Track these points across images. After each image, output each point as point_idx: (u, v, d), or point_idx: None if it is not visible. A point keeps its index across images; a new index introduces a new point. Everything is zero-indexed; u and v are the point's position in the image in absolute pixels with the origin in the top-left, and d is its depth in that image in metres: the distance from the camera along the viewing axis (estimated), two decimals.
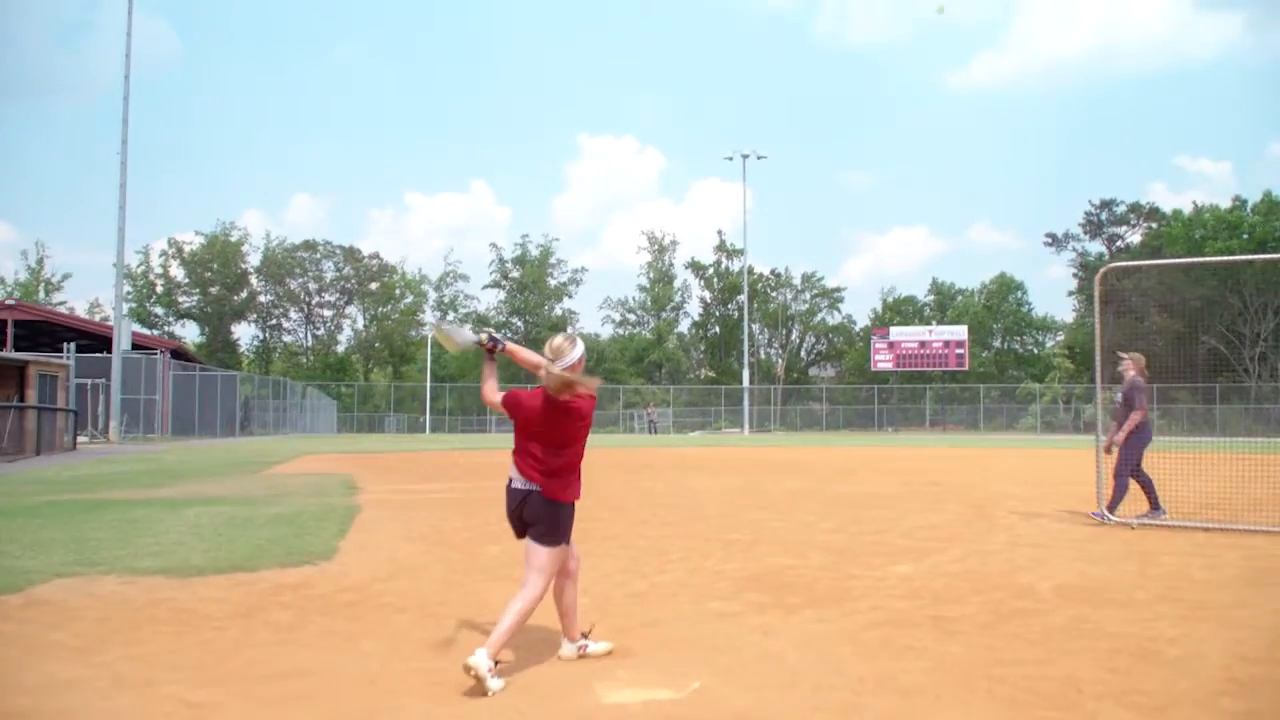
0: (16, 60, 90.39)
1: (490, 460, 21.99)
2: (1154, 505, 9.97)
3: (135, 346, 37.95)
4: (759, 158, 61.07)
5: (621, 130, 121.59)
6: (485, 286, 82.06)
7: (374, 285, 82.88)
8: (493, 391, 4.80)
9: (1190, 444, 10.19)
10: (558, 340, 4.56)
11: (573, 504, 4.60)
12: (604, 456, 24.50)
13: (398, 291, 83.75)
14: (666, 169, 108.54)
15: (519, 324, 78.93)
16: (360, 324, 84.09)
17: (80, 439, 30.69)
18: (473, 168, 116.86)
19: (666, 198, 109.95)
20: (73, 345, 31.38)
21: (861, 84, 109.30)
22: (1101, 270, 10.20)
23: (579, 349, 4.55)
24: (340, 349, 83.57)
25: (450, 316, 78.25)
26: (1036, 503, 12.13)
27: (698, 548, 8.23)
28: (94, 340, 38.99)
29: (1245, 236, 62.53)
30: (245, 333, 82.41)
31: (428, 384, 59.34)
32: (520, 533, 4.66)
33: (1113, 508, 9.96)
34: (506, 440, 40.64)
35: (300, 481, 14.78)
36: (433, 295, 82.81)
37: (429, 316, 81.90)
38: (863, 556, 7.75)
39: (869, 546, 8.30)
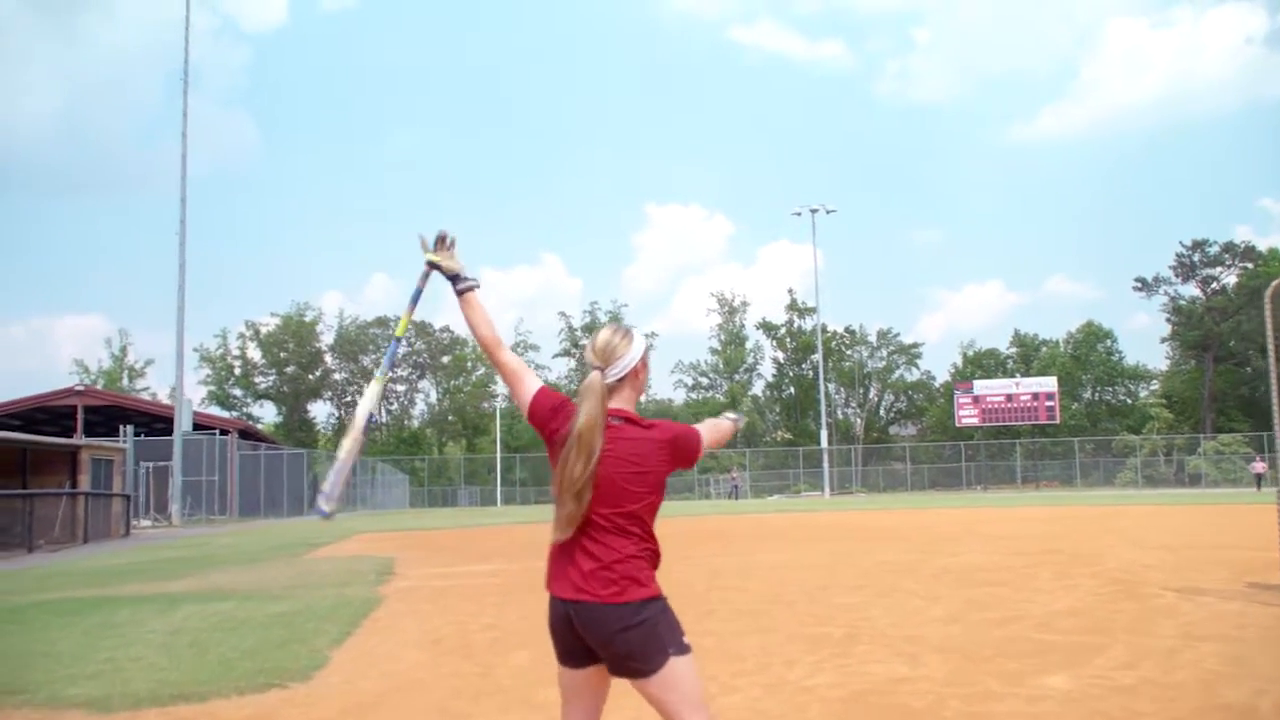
0: (105, 155, 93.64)
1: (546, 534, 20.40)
2: None
3: (200, 427, 37.40)
4: (828, 212, 59.53)
5: (688, 198, 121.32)
6: (555, 355, 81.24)
7: (445, 358, 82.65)
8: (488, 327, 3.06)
9: None
10: (604, 336, 2.82)
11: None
12: (669, 527, 22.70)
13: (469, 364, 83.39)
14: (735, 234, 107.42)
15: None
16: (433, 397, 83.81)
17: (144, 523, 29.96)
18: (543, 240, 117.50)
19: (736, 261, 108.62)
20: (130, 428, 30.72)
21: (926, 140, 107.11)
22: (1275, 283, 8.30)
23: (638, 344, 2.83)
24: (414, 423, 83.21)
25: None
26: (1186, 573, 10.09)
27: (778, 649, 6.49)
28: (166, 424, 38.58)
29: None
30: (321, 411, 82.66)
31: (498, 455, 58.21)
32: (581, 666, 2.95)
33: None
34: None
35: (334, 567, 13.33)
36: None
37: (501, 388, 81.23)
38: (996, 660, 5.92)
39: (1000, 644, 6.45)
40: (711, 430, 3.03)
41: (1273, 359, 8.18)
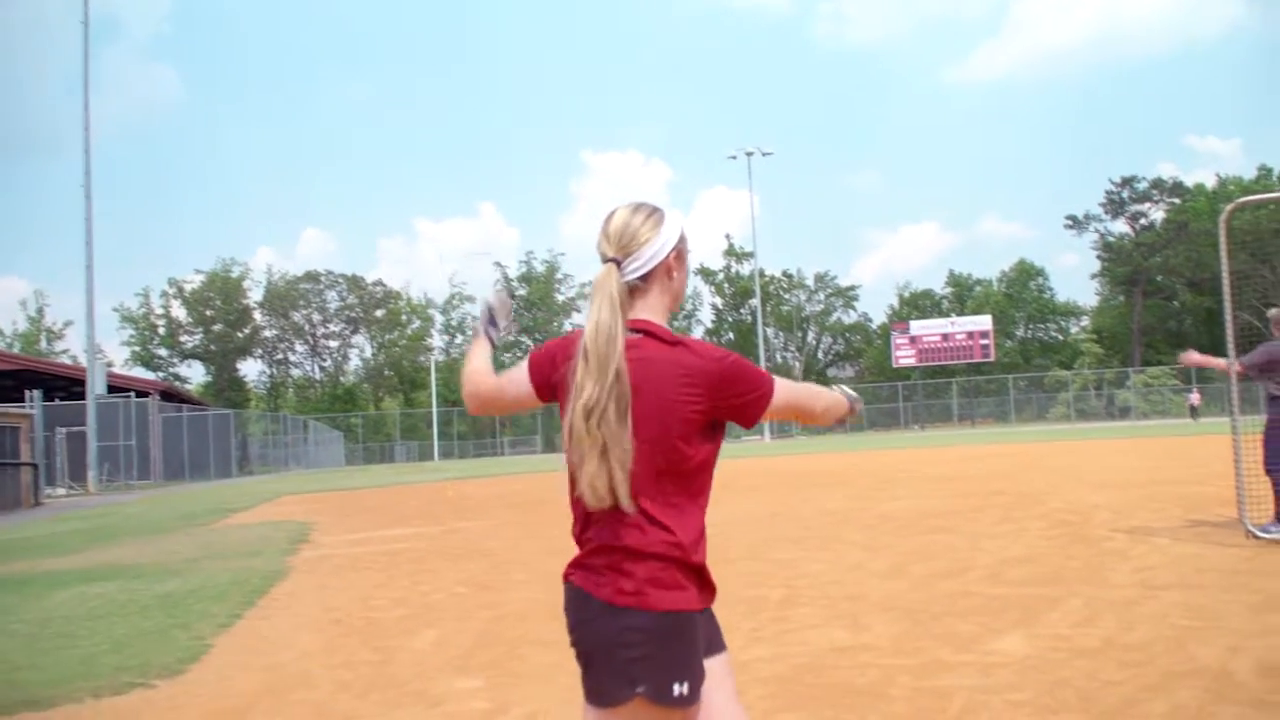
0: (19, 110, 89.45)
1: (484, 492, 19.73)
2: None
3: (118, 389, 35.87)
4: (764, 154, 58.86)
5: (626, 145, 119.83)
6: None
7: (379, 312, 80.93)
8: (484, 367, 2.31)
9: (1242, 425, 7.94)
10: (620, 216, 2.07)
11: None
12: None
13: (404, 317, 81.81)
14: (674, 180, 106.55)
15: (528, 342, 76.75)
16: (368, 353, 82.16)
17: (59, 492, 28.66)
18: (480, 190, 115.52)
19: (675, 208, 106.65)
20: (38, 393, 29.23)
21: (862, 84, 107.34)
22: (1230, 207, 7.84)
23: (671, 227, 2.07)
24: (349, 379, 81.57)
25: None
26: (1134, 513, 9.75)
27: (720, 618, 5.92)
28: (83, 387, 36.86)
29: (1273, 207, 59.67)
30: (252, 369, 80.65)
31: (434, 409, 57.20)
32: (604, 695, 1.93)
33: None
34: (516, 463, 39.03)
35: (244, 535, 12.52)
36: (439, 319, 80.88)
37: (437, 341, 79.82)
38: (945, 620, 5.41)
39: (948, 601, 5.94)
40: (803, 394, 2.14)
41: (1228, 280, 7.74)
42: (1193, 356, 8.05)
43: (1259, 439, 7.82)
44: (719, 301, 79.40)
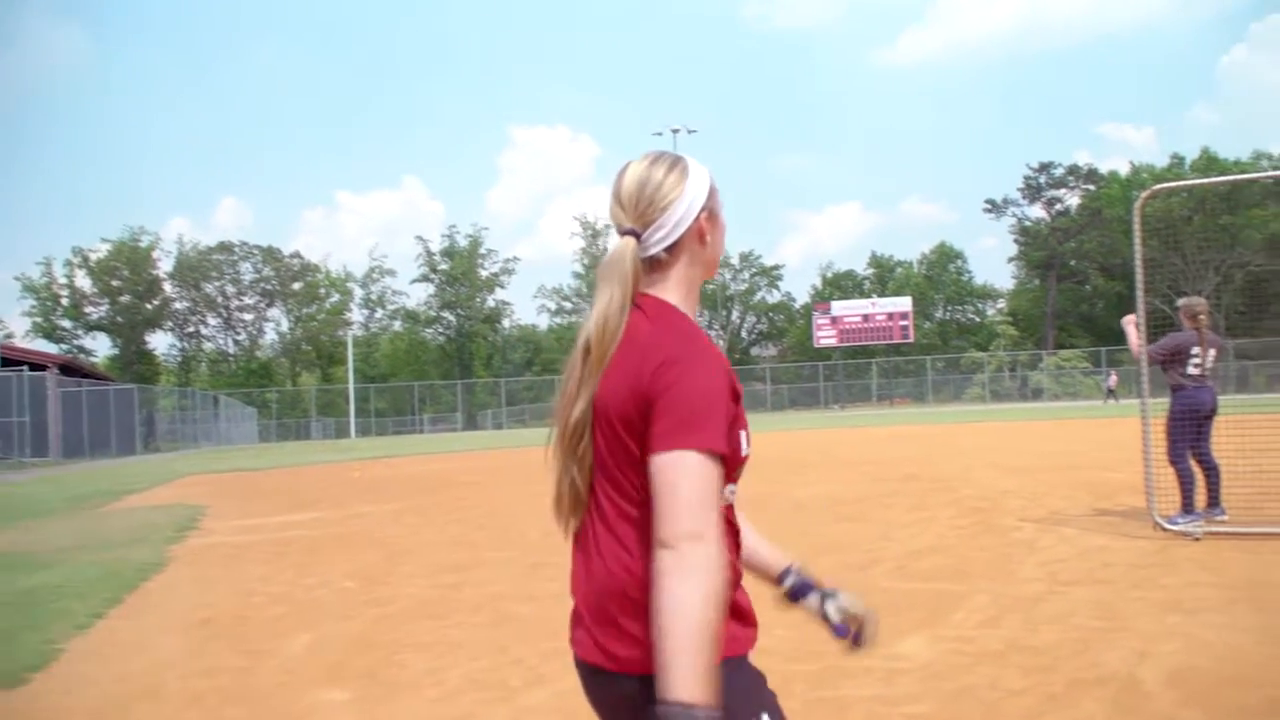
0: None
1: (395, 473, 19.19)
2: (1186, 505, 7.59)
3: (12, 363, 34.26)
4: (690, 132, 58.47)
5: (554, 119, 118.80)
6: (413, 281, 78.37)
7: (297, 285, 78.85)
8: None
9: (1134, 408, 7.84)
10: (637, 172, 1.64)
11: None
12: (513, 460, 21.83)
13: (322, 291, 79.85)
14: (601, 156, 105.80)
15: (450, 318, 75.62)
16: (284, 327, 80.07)
17: None
18: (404, 163, 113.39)
19: (603, 184, 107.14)
20: None
21: (790, 65, 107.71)
22: (1144, 194, 7.74)
23: (698, 181, 1.65)
24: (264, 354, 79.44)
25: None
26: (1044, 500, 9.70)
27: None
28: None
29: (1185, 194, 61.38)
30: (162, 342, 78.09)
31: (350, 385, 56.03)
32: None
33: (1188, 506, 7.56)
34: (435, 442, 38.18)
35: (130, 521, 11.88)
36: (359, 293, 79.15)
37: (357, 315, 78.17)
38: None
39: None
40: (684, 511, 1.41)
41: (1140, 265, 7.66)
42: (1131, 321, 7.94)
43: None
44: None
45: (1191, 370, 7.74)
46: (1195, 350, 7.75)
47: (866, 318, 63.91)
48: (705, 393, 1.45)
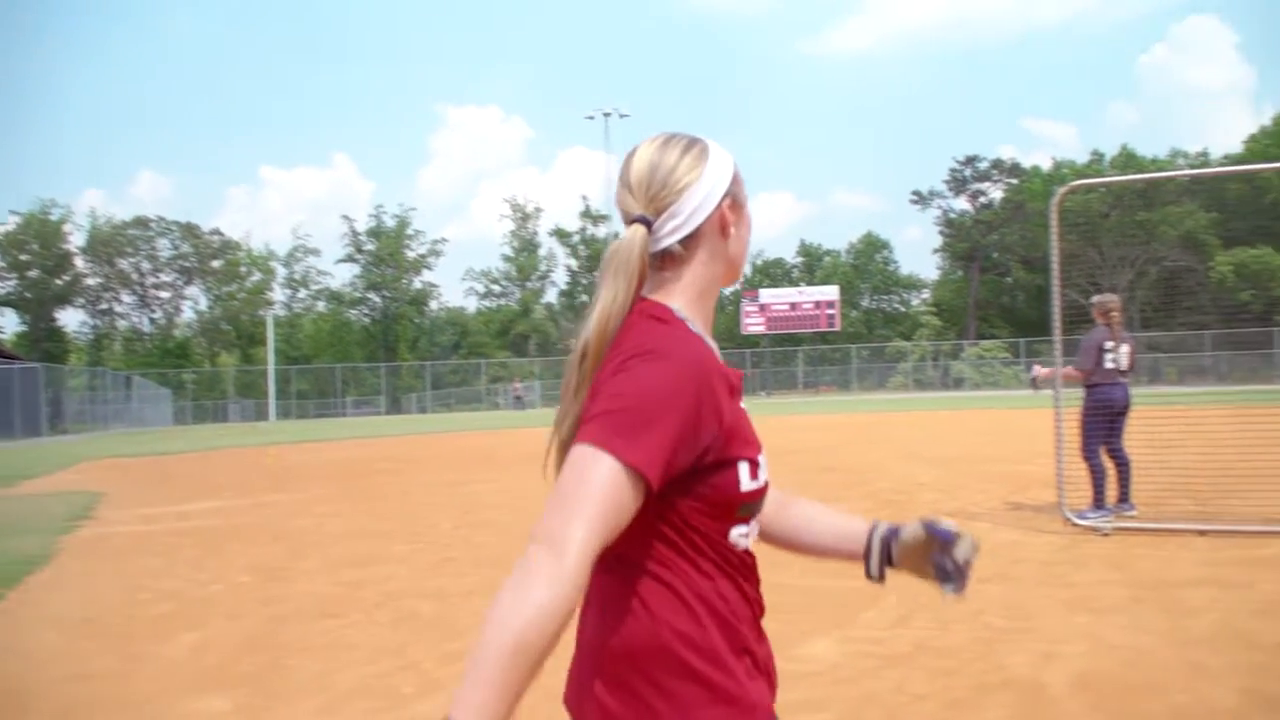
0: None
1: (310, 458, 18.71)
2: (1098, 500, 7.67)
3: None
4: (621, 116, 58.41)
5: (485, 100, 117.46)
6: (338, 261, 76.79)
7: (216, 263, 76.78)
8: None
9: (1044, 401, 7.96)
10: (647, 155, 1.42)
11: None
12: (434, 446, 21.53)
13: (243, 269, 77.87)
14: (533, 138, 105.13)
15: (376, 299, 74.34)
16: (203, 305, 77.95)
17: None
18: (334, 140, 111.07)
19: (534, 166, 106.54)
20: None
21: (725, 50, 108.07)
22: (1062, 190, 7.78)
23: (718, 166, 1.45)
24: (181, 333, 77.26)
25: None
26: (958, 493, 9.75)
27: None
28: None
29: (1104, 191, 62.95)
30: (73, 319, 75.49)
31: (270, 366, 54.81)
32: None
33: (1099, 502, 7.62)
34: (357, 426, 37.39)
35: (19, 509, 11.35)
36: (282, 272, 77.38)
37: (279, 295, 76.42)
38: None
39: (765, 597, 5.62)
40: (564, 511, 1.17)
41: (1057, 259, 7.70)
42: (1040, 373, 8.00)
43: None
44: (574, 264, 78.62)
45: (1108, 365, 7.80)
46: (1109, 345, 7.81)
47: (794, 306, 64.37)
48: (648, 393, 1.19)
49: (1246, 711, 3.62)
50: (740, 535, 1.35)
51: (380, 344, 72.15)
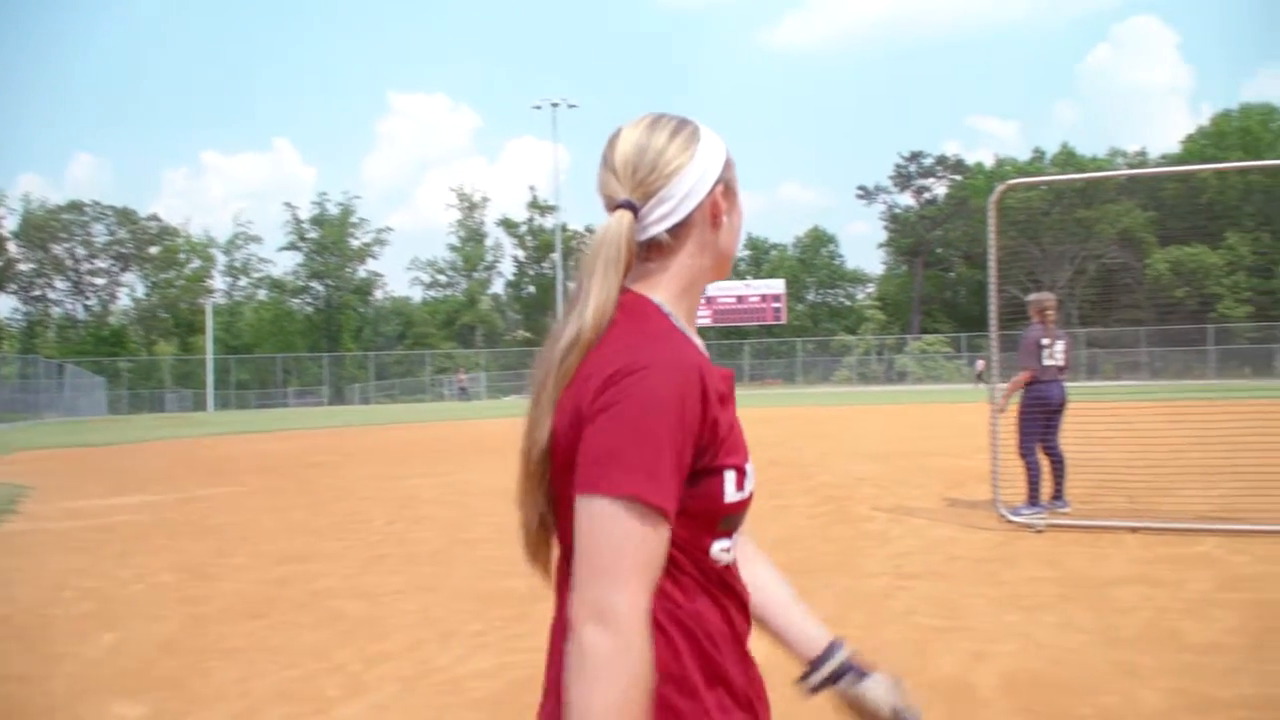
0: None
1: (247, 450, 18.37)
2: (1032, 497, 7.75)
3: None
4: (570, 106, 57.77)
5: (433, 87, 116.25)
6: (281, 249, 75.51)
7: (154, 249, 75.11)
8: None
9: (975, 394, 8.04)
10: (633, 137, 1.30)
11: None
12: (376, 438, 21.29)
13: (182, 256, 76.26)
14: (481, 127, 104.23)
15: (319, 287, 73.28)
16: (139, 292, 76.22)
17: None
18: (276, 125, 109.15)
19: (481, 155, 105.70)
20: None
21: (674, 41, 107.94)
22: (1000, 188, 7.85)
23: (709, 151, 1.33)
24: (117, 320, 75.49)
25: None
26: (897, 489, 9.81)
27: (442, 615, 5.33)
28: None
29: (1045, 188, 64.00)
30: (4, 305, 73.47)
31: (209, 356, 53.80)
32: None
33: (1034, 498, 7.70)
34: (298, 417, 36.55)
35: None
36: (222, 259, 75.93)
37: (219, 282, 74.98)
38: None
39: None
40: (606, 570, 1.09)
41: (994, 256, 7.77)
42: (1000, 404, 8.02)
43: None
44: (521, 254, 78.17)
45: (1046, 363, 7.87)
46: (1045, 342, 7.89)
47: (741, 299, 64.63)
48: (649, 421, 1.10)
49: (1174, 712, 3.64)
50: (722, 550, 1.23)
51: (323, 333, 71.16)
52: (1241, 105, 64.76)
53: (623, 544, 1.07)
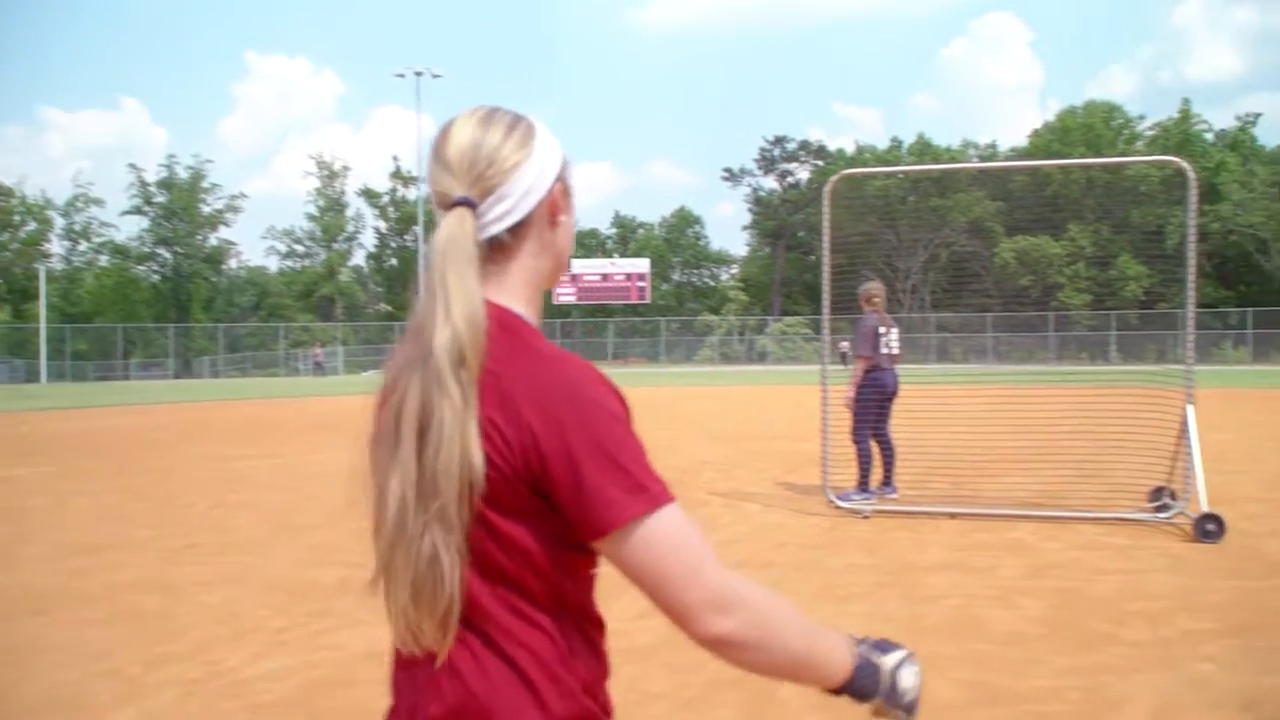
0: None
1: (73, 427, 17.33)
2: (863, 483, 7.92)
3: None
4: (434, 76, 56.53)
5: (294, 50, 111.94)
6: (124, 213, 71.57)
7: None
8: None
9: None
10: (466, 132, 1.20)
11: None
12: (217, 414, 20.45)
13: (16, 218, 71.56)
14: (345, 94, 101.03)
15: (166, 255, 69.86)
16: None
17: None
18: (123, 82, 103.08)
19: (346, 123, 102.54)
20: None
21: (543, 17, 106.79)
22: (832, 179, 7.97)
23: (545, 150, 1.26)
24: None
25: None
26: (736, 472, 9.91)
27: (244, 609, 5.06)
28: None
29: (900, 175, 66.03)
30: None
31: (42, 325, 50.73)
32: None
33: (864, 484, 7.84)
34: (139, 391, 34.90)
35: None
36: (60, 222, 71.54)
37: (56, 247, 70.61)
38: None
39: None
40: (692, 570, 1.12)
41: (828, 244, 7.91)
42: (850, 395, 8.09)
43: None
44: (383, 225, 76.26)
45: (883, 350, 8.01)
46: (882, 330, 8.03)
47: (606, 277, 64.69)
48: (619, 428, 1.12)
49: (968, 706, 3.71)
50: (595, 574, 1.22)
51: (171, 303, 67.94)
52: (1086, 102, 68.00)
53: (683, 544, 1.11)
